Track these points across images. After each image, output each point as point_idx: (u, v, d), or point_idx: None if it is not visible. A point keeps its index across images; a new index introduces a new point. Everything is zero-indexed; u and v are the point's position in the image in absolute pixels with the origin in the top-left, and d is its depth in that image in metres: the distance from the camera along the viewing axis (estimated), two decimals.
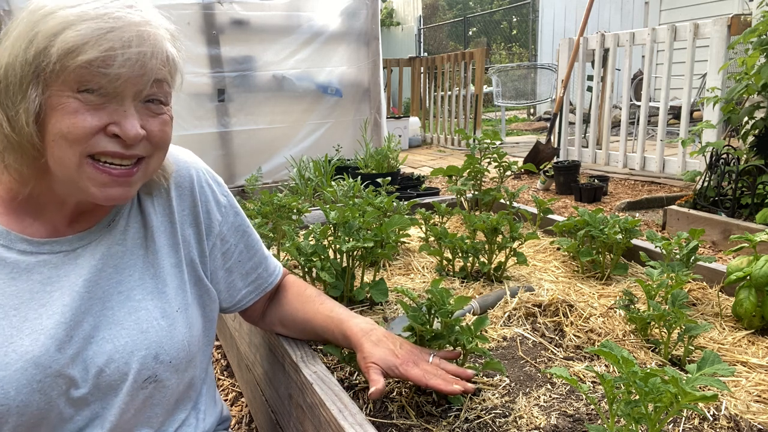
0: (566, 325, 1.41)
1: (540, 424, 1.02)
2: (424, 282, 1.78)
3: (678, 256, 1.65)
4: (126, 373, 0.88)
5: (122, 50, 0.78)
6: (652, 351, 1.31)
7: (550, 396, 1.12)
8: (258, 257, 1.14)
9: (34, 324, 0.83)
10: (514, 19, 20.21)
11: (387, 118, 5.77)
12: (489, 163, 2.43)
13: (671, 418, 1.00)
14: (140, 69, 0.80)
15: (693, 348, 1.27)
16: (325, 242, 1.60)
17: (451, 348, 1.15)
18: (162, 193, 0.99)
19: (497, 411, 1.07)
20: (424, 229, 2.12)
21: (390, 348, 1.04)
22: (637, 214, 3.75)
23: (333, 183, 2.97)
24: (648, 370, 0.82)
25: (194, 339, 0.97)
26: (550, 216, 2.22)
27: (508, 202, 2.29)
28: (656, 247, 1.73)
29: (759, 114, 3.19)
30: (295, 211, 2.04)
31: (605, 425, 0.89)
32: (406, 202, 2.25)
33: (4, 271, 0.84)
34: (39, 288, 0.85)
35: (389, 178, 2.59)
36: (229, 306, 1.13)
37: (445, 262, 1.86)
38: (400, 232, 1.96)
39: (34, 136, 0.79)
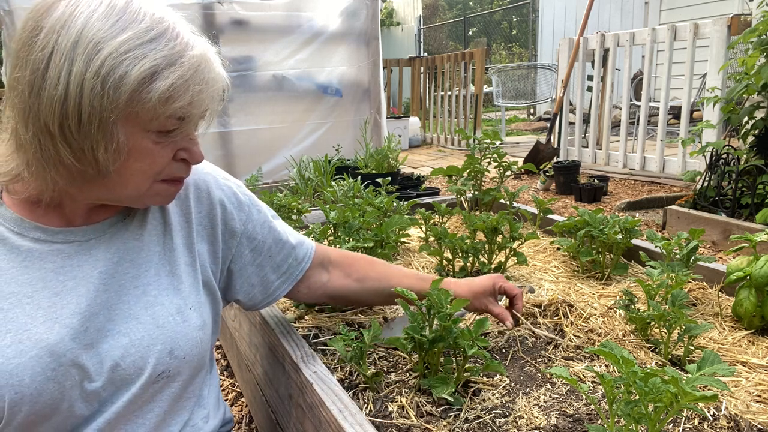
0: (566, 325, 1.40)
1: (540, 424, 1.02)
2: None
3: (678, 256, 1.65)
4: (142, 367, 0.88)
5: (207, 93, 0.82)
6: (652, 351, 1.31)
7: (550, 396, 1.12)
8: (287, 249, 1.17)
9: (48, 312, 0.83)
10: (514, 19, 20.18)
11: (387, 118, 5.77)
12: (489, 163, 2.43)
13: (671, 418, 1.00)
14: (211, 103, 0.85)
15: (693, 348, 1.27)
16: (325, 242, 1.60)
17: (452, 351, 1.15)
18: (181, 194, 1.01)
19: (497, 411, 1.07)
20: (424, 229, 2.12)
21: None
22: (637, 214, 3.75)
23: (333, 183, 2.96)
24: (648, 370, 0.82)
25: (206, 337, 0.98)
26: (550, 216, 2.22)
27: (508, 202, 2.29)
28: (656, 247, 1.73)
29: (759, 114, 3.19)
30: (295, 211, 2.05)
31: (605, 425, 0.89)
32: (406, 202, 2.25)
33: (17, 259, 0.84)
34: (52, 277, 0.85)
35: (389, 178, 2.59)
36: (264, 298, 1.17)
37: (445, 262, 1.86)
38: (400, 232, 1.96)
39: (110, 168, 0.80)
